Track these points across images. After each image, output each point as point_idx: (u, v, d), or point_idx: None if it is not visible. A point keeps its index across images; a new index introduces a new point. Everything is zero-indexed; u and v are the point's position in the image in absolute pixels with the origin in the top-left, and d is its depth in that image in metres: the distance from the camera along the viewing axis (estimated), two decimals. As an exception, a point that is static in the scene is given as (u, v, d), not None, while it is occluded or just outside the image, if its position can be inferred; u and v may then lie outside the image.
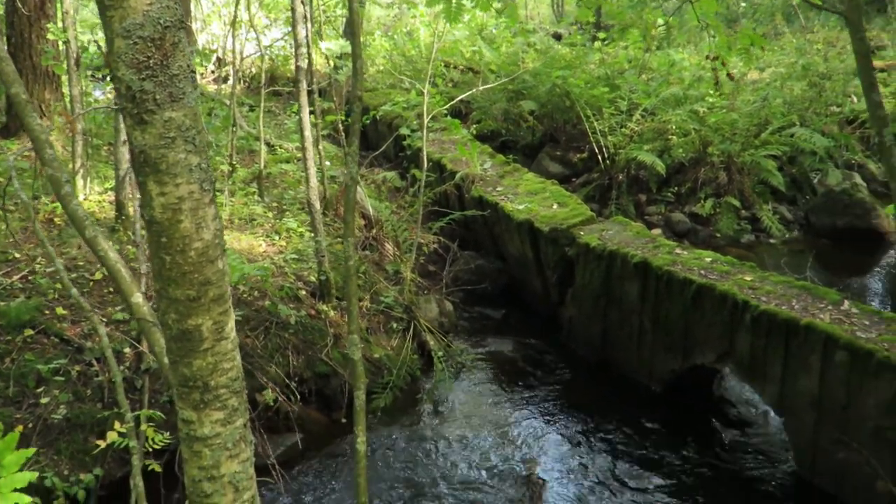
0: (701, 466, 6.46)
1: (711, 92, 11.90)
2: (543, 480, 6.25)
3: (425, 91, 8.77)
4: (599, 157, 11.62)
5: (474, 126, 12.47)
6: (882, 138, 3.18)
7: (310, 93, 8.16)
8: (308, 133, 7.38)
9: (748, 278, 6.91)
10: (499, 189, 9.63)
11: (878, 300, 9.71)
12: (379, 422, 6.97)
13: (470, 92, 11.08)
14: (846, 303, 6.45)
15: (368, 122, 11.87)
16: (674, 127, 11.52)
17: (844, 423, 5.83)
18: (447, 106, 9.98)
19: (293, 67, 8.97)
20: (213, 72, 15.02)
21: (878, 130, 3.23)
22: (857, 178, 11.76)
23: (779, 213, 11.44)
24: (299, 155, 9.47)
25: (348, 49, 13.40)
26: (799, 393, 6.16)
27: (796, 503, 6.15)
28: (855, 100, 13.18)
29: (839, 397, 5.87)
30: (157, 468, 4.47)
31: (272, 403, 6.36)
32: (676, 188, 11.58)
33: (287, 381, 6.64)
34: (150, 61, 2.16)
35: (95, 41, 10.02)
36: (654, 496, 6.10)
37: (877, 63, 13.17)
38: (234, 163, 9.37)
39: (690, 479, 6.31)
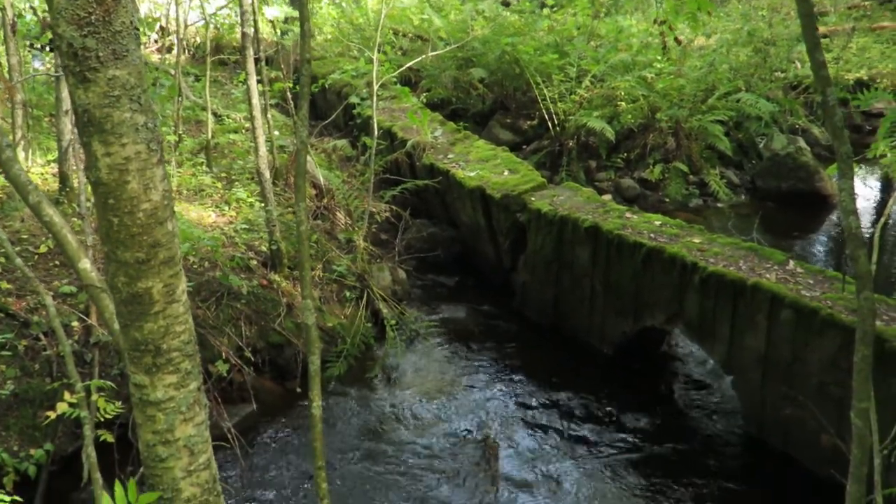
0: (652, 427, 6.58)
1: (659, 58, 11.98)
2: (498, 443, 6.32)
3: (374, 59, 8.69)
4: (549, 124, 11.66)
5: (424, 94, 12.42)
6: (826, 98, 3.21)
7: (257, 60, 8.02)
8: (256, 101, 7.27)
9: (697, 241, 7.01)
10: (450, 157, 9.62)
11: (821, 260, 9.95)
12: (334, 390, 6.97)
13: (419, 59, 11.00)
14: (791, 263, 6.58)
15: (318, 90, 11.74)
16: (622, 93, 11.60)
17: (790, 380, 5.98)
18: (396, 73, 9.91)
19: (239, 35, 8.82)
20: (156, 41, 14.68)
21: (821, 90, 3.27)
22: (802, 143, 11.97)
23: (726, 178, 11.60)
24: (248, 125, 9.34)
25: (295, 14, 13.22)
26: (746, 351, 6.29)
27: (745, 459, 6.31)
28: (799, 65, 13.40)
29: (785, 355, 6.01)
30: (110, 438, 4.42)
31: (226, 374, 6.32)
32: (626, 154, 11.69)
33: (240, 351, 6.60)
34: (92, 17, 2.10)
35: (32, 7, 9.73)
36: (607, 457, 6.20)
37: (820, 29, 13.35)
38: (181, 133, 9.21)
39: (641, 439, 6.43)
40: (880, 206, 11.47)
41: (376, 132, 8.61)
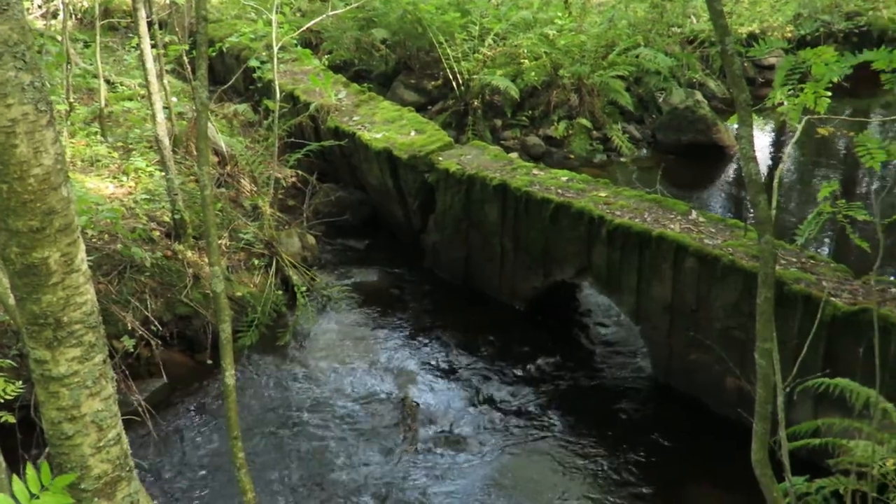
0: (564, 379, 6.70)
1: (560, 14, 12.04)
2: (417, 403, 6.34)
3: (273, 19, 8.46)
4: (454, 84, 11.62)
5: (326, 56, 12.19)
6: (724, 46, 3.27)
7: (149, 24, 7.71)
8: (151, 66, 7.00)
9: (603, 194, 7.12)
10: (355, 119, 9.49)
11: (722, 208, 10.27)
12: (247, 360, 6.86)
13: (318, 19, 10.75)
14: (694, 213, 6.76)
15: (215, 54, 11.38)
16: (525, 51, 11.63)
17: (696, 326, 6.16)
18: (296, 34, 9.68)
19: (129, -3, 8.46)
20: (39, 6, 13.96)
21: (720, 39, 3.32)
22: (699, 96, 12.27)
23: (628, 132, 11.81)
24: (143, 91, 8.99)
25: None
26: (653, 301, 6.45)
27: (654, 404, 6.50)
28: (694, 20, 13.67)
29: (690, 302, 6.19)
30: (11, 419, 4.23)
31: (133, 349, 6.13)
32: (530, 112, 11.75)
33: (147, 325, 6.41)
34: (-34, -31, 1.96)
35: None
36: (522, 410, 6.30)
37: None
38: (72, 101, 8.80)
39: (555, 391, 6.55)
40: (777, 154, 11.88)
41: (278, 96, 8.41)
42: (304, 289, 7.56)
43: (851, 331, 5.20)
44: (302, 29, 9.94)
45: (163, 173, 7.35)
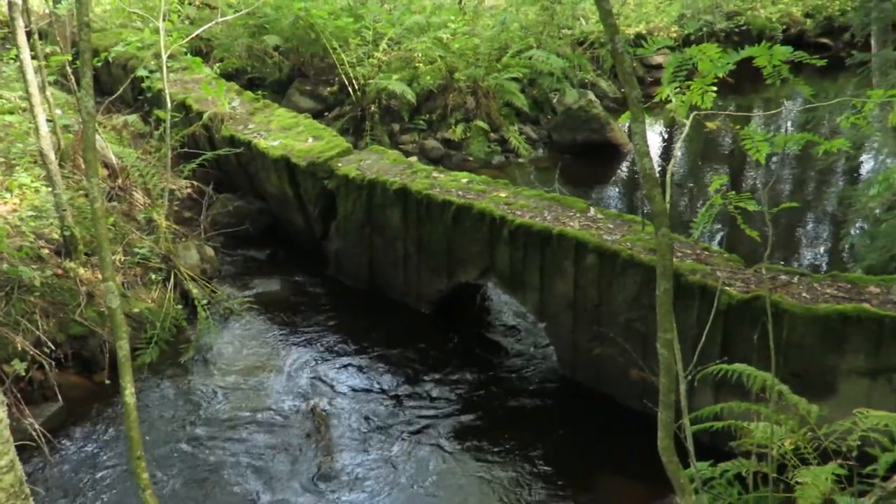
0: (472, 379, 6.73)
1: (453, 18, 12.13)
2: (326, 412, 6.26)
3: (161, 27, 8.23)
4: (350, 90, 11.56)
5: (218, 65, 11.95)
6: (615, 45, 3.34)
7: (28, 34, 7.40)
8: (32, 77, 6.72)
9: (503, 195, 7.19)
10: (250, 126, 9.32)
11: (618, 205, 10.54)
12: (148, 378, 6.64)
13: (207, 26, 10.51)
14: (592, 210, 6.89)
15: (100, 64, 11.00)
16: (420, 55, 11.67)
17: (598, 321, 6.28)
18: (185, 41, 9.45)
19: (5, 7, 8.10)
20: None
21: (610, 37, 3.38)
22: (591, 96, 12.54)
23: (525, 134, 11.99)
24: (25, 105, 8.62)
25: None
26: (556, 297, 6.55)
27: (562, 399, 6.60)
28: (584, 22, 13.99)
29: (592, 297, 6.31)
30: None
31: (24, 372, 5.86)
32: (428, 115, 11.80)
33: (40, 347, 6.13)
34: None
35: None
36: (433, 413, 6.29)
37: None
38: (-54, 117, 8.39)
39: (464, 392, 6.57)
40: (669, 150, 12.25)
41: (170, 105, 8.19)
42: (204, 302, 7.38)
43: (746, 318, 5.40)
44: (191, 36, 9.71)
45: (49, 189, 7.06)
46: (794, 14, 17.70)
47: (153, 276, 7.47)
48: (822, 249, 9.30)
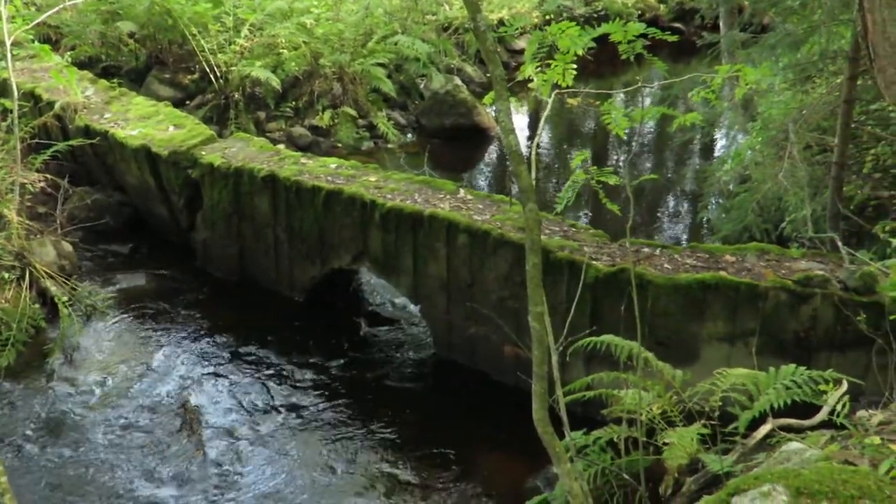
0: (348, 366, 6.71)
1: (316, 3, 11.97)
2: (198, 407, 6.10)
3: (3, 12, 7.76)
4: (212, 77, 11.24)
5: (69, 53, 11.36)
6: (477, 23, 3.37)
7: None
8: None
9: (373, 179, 7.16)
10: (107, 116, 8.92)
11: (487, 185, 10.70)
12: (4, 383, 6.30)
13: (53, 10, 9.98)
14: (461, 191, 6.96)
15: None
16: (283, 41, 11.47)
17: (472, 300, 6.36)
18: (30, 27, 8.95)
19: None
20: None
21: (472, 16, 3.42)
22: (458, 80, 12.65)
23: (393, 119, 11.98)
24: None
25: None
26: (430, 279, 6.59)
27: (437, 380, 6.67)
28: (447, 8, 14.07)
29: (465, 277, 6.38)
30: None
31: None
32: (294, 102, 11.61)
33: None
34: None
35: None
36: (309, 403, 6.24)
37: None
38: None
39: (340, 379, 6.54)
40: (534, 129, 12.50)
41: (17, 95, 7.75)
42: (65, 299, 7.05)
43: (613, 290, 5.59)
44: (36, 21, 9.21)
45: None
46: (649, 0, 18.41)
47: (6, 275, 7.07)
48: (682, 223, 9.73)
